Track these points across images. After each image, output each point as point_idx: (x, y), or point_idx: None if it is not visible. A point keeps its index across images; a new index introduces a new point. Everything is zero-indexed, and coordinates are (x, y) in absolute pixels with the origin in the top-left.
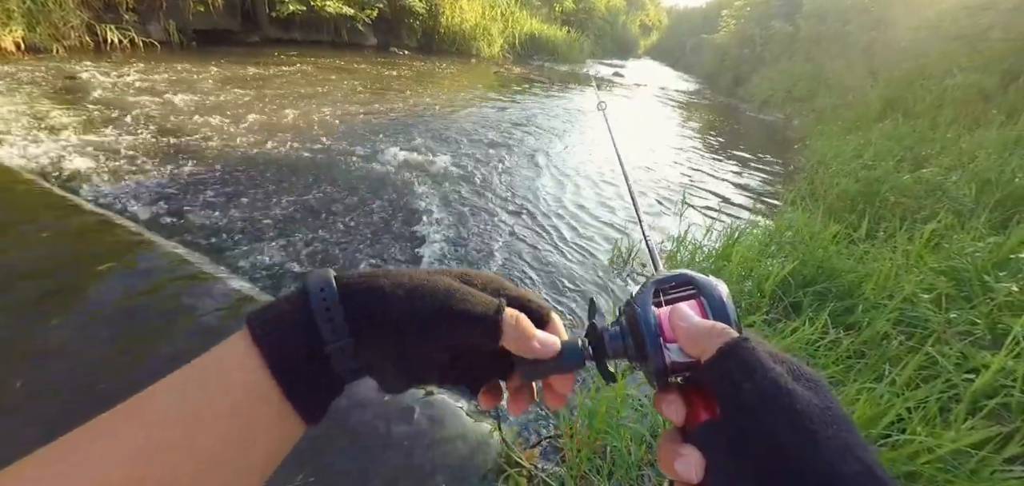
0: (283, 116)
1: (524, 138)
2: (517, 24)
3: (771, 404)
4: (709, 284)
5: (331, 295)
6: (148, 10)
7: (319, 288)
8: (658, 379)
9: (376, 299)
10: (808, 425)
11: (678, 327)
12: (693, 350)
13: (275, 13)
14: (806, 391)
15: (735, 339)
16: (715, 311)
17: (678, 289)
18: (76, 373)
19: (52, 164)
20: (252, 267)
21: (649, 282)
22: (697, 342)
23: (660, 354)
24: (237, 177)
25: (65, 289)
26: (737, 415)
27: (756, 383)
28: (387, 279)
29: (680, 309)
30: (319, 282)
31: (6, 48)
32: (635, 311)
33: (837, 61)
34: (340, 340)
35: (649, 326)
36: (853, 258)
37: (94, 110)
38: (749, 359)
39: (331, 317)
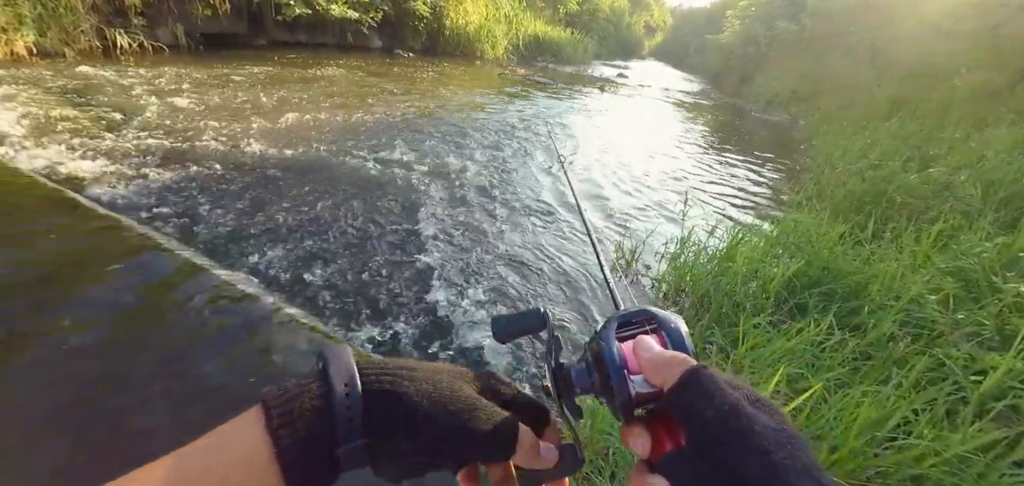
0: (288, 119)
1: (526, 139)
2: (521, 26)
3: (732, 425)
4: (668, 318)
5: (356, 398)
6: (156, 14)
7: (344, 385)
8: (624, 411)
9: (399, 407)
10: (766, 446)
11: (642, 357)
12: (656, 379)
13: (281, 16)
14: (762, 414)
15: (695, 366)
16: (674, 344)
17: (639, 325)
18: (83, 373)
19: (61, 166)
20: (257, 269)
21: (612, 318)
22: (660, 371)
23: (625, 385)
24: (243, 179)
25: (73, 289)
26: (700, 437)
27: (717, 407)
28: (411, 383)
29: (643, 340)
30: (343, 377)
31: (17, 52)
32: (600, 345)
33: (843, 60)
34: (355, 442)
35: (614, 359)
36: (859, 259)
37: (103, 113)
38: (709, 385)
39: (351, 419)
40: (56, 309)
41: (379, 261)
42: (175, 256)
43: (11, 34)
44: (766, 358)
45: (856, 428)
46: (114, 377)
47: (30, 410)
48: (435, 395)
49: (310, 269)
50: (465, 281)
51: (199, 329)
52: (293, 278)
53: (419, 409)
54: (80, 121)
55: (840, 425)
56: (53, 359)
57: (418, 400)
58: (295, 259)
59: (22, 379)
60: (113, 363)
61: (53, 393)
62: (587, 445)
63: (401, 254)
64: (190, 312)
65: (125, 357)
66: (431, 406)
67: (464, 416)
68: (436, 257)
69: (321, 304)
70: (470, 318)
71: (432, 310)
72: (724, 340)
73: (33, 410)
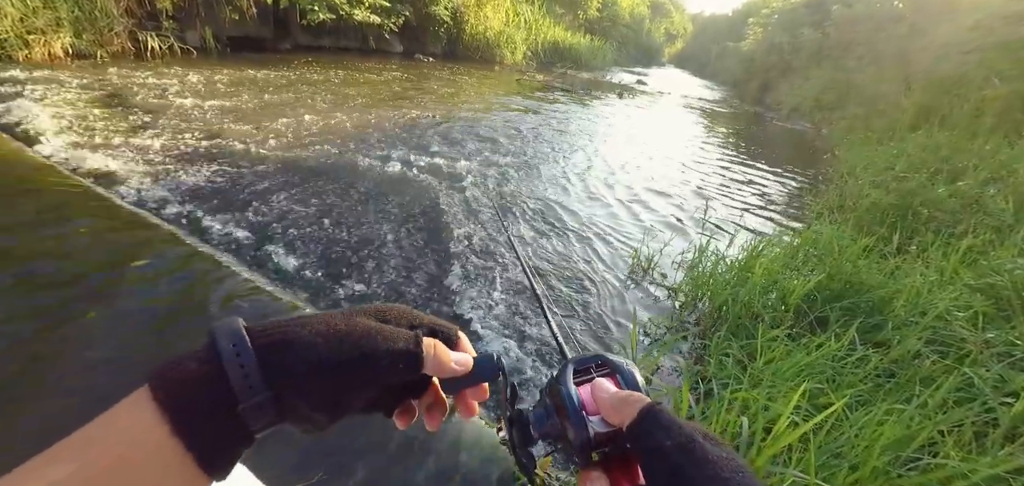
0: (312, 121)
1: (544, 144)
2: (540, 32)
3: (689, 455)
4: (622, 363)
5: (246, 352)
6: (186, 18)
7: (232, 345)
8: (582, 452)
9: (297, 351)
10: (721, 473)
11: (600, 398)
12: (615, 418)
13: (305, 21)
14: (713, 446)
15: (651, 403)
16: (629, 385)
17: (591, 371)
18: (110, 364)
19: (94, 164)
20: (279, 268)
21: (567, 363)
22: (619, 409)
23: (584, 426)
24: (268, 180)
25: (102, 284)
26: (660, 465)
27: (674, 438)
28: (305, 328)
29: (600, 382)
30: (231, 337)
31: (55, 53)
32: (558, 388)
33: (868, 69)
34: (256, 397)
35: (572, 400)
36: (883, 273)
37: (134, 113)
38: (665, 419)
39: (247, 375)
40: (85, 302)
41: (399, 264)
42: (199, 254)
43: (50, 36)
44: (784, 372)
45: (879, 447)
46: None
47: (60, 396)
48: (330, 332)
49: (329, 269)
50: (486, 293)
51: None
52: (312, 277)
53: (314, 348)
54: (112, 121)
55: (861, 443)
56: (80, 352)
57: (312, 339)
58: (316, 257)
59: (51, 371)
60: (138, 353)
61: (82, 381)
62: None
63: (422, 260)
64: (212, 309)
65: (149, 351)
66: (327, 342)
67: (362, 342)
68: (458, 250)
69: (334, 301)
70: (488, 326)
71: (455, 316)
72: (741, 352)
73: (60, 402)
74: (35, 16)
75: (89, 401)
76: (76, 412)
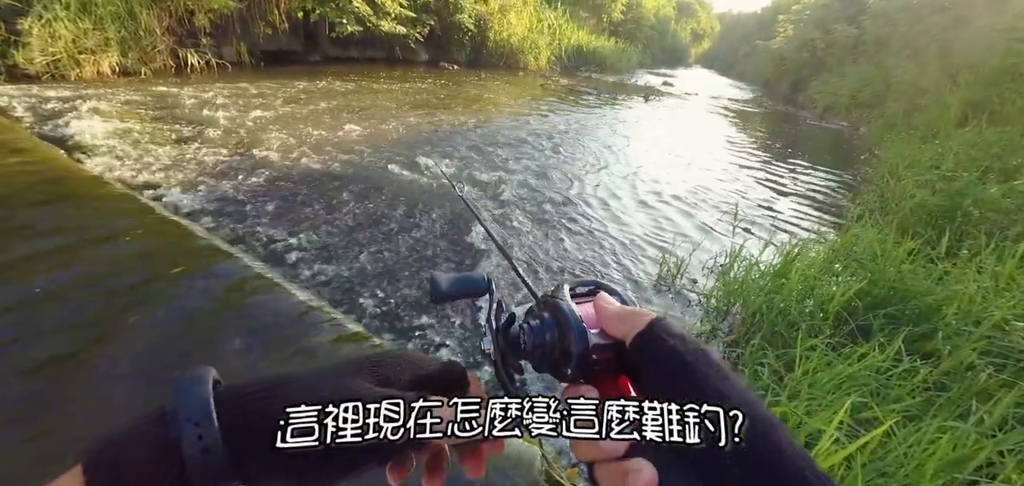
0: (342, 130)
1: (568, 149)
2: (564, 36)
3: (701, 357)
4: (617, 289)
5: (212, 437)
6: (222, 34)
7: (194, 425)
8: (581, 363)
9: (272, 432)
10: (722, 368)
11: (606, 310)
12: (619, 329)
13: (334, 33)
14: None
15: (657, 315)
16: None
17: (586, 294)
18: (148, 365)
19: (138, 175)
20: (312, 276)
21: (562, 283)
22: (625, 321)
23: (584, 337)
24: (299, 189)
25: (143, 288)
26: (669, 366)
27: (686, 344)
28: (285, 399)
29: (605, 296)
30: (193, 413)
31: (103, 71)
32: (556, 302)
33: (908, 63)
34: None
35: (573, 312)
36: (931, 279)
37: (175, 127)
38: (672, 327)
39: (210, 464)
40: (127, 307)
41: (430, 269)
42: (235, 261)
43: (99, 55)
44: (825, 384)
45: (932, 467)
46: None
47: (100, 394)
48: (317, 403)
49: (361, 274)
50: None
51: (254, 332)
52: (343, 284)
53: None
54: (155, 134)
55: (912, 462)
56: (117, 355)
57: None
58: (347, 264)
59: (90, 373)
60: (175, 355)
61: (121, 380)
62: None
63: (453, 268)
64: (246, 316)
65: (186, 350)
66: None
67: None
68: (488, 263)
69: (365, 308)
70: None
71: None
72: (777, 362)
73: (102, 394)
74: (86, 37)
75: (124, 401)
76: (113, 410)
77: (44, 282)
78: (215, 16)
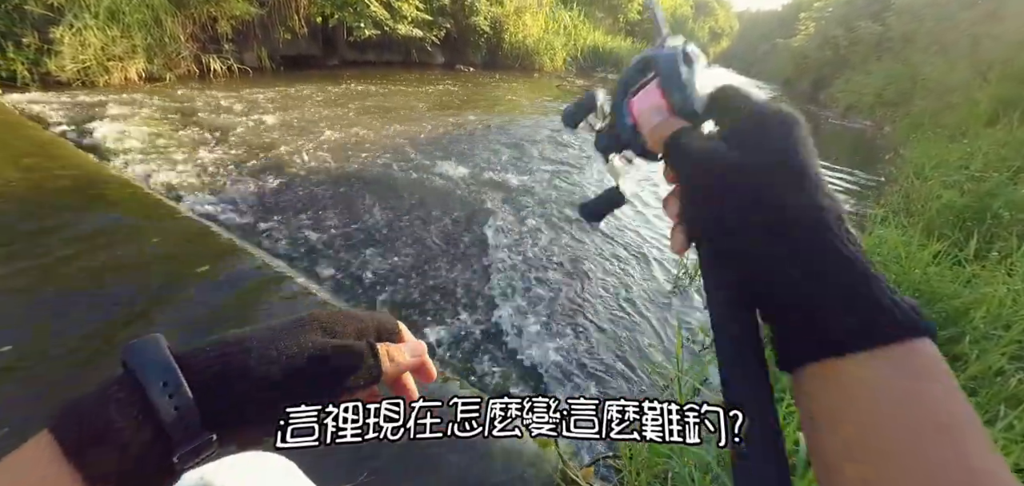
0: (360, 133)
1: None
2: (580, 37)
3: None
4: (664, 60)
5: (179, 393)
6: (244, 40)
7: (162, 384)
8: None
9: (242, 385)
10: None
11: (642, 113)
12: (656, 148)
13: (352, 37)
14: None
15: (676, 131)
16: (670, 84)
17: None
18: None
19: (163, 178)
20: (331, 275)
21: (621, 78)
22: (653, 138)
23: (628, 125)
24: (318, 190)
25: (169, 287)
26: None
27: (695, 150)
28: (248, 354)
29: (644, 98)
30: (158, 372)
31: (130, 77)
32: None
33: (936, 60)
34: (196, 442)
35: (622, 105)
36: (958, 281)
37: (198, 130)
38: (691, 143)
39: (182, 418)
40: (153, 305)
41: (445, 273)
42: (256, 261)
43: (126, 62)
44: None
45: None
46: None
47: None
48: (281, 357)
49: (378, 273)
50: (528, 301)
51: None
52: (361, 279)
53: (268, 379)
54: (179, 138)
55: None
56: None
57: (264, 369)
58: (364, 264)
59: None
60: None
61: None
62: (645, 468)
63: (468, 270)
64: (268, 313)
65: None
66: (281, 371)
67: (320, 364)
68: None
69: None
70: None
71: (496, 325)
72: None
73: None
74: (114, 45)
75: None
76: None
77: (76, 279)
78: (237, 22)
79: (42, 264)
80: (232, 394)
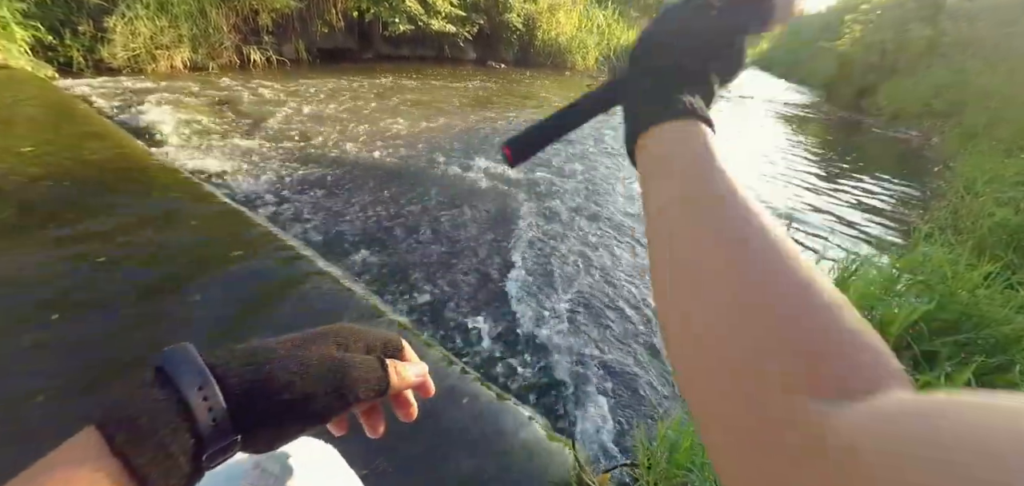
0: (394, 126)
1: (610, 151)
2: (613, 36)
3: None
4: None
5: (217, 403)
6: (283, 33)
7: (198, 388)
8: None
9: (268, 393)
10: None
11: None
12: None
13: (387, 32)
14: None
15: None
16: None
17: None
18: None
19: (205, 164)
20: (362, 263)
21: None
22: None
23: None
24: (351, 182)
25: (205, 270)
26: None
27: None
28: (275, 364)
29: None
30: (194, 377)
31: (175, 66)
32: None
33: (992, 69)
34: (224, 442)
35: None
36: (1010, 306)
37: (238, 119)
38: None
39: (215, 421)
40: (192, 287)
41: (475, 268)
42: (289, 248)
43: (172, 51)
44: None
45: None
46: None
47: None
48: (302, 368)
49: (407, 268)
50: (549, 298)
51: (306, 317)
52: (390, 275)
53: (291, 387)
54: (221, 125)
55: None
56: (176, 329)
57: (288, 379)
58: (393, 254)
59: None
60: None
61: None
62: (664, 479)
63: (497, 266)
64: (298, 300)
65: (240, 329)
66: (302, 381)
67: (335, 376)
68: (528, 263)
69: (413, 297)
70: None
71: (514, 322)
72: None
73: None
74: (162, 34)
75: None
76: None
77: (112, 254)
78: (277, 15)
79: (91, 238)
80: (257, 399)
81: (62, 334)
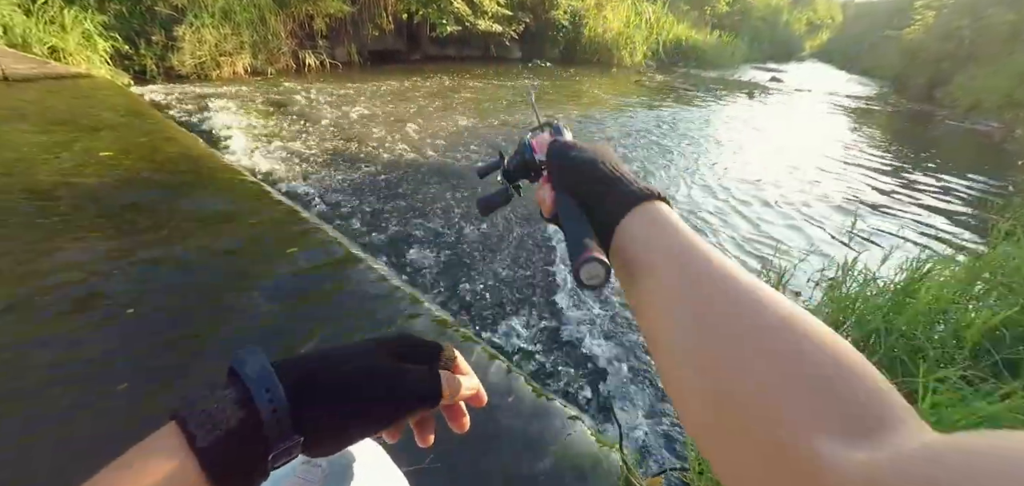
0: (442, 125)
1: (662, 147)
2: (662, 30)
3: (563, 152)
4: (558, 125)
5: (280, 400)
6: (336, 37)
7: (265, 391)
8: (534, 172)
9: (332, 396)
10: (584, 152)
11: (537, 145)
12: (542, 154)
13: (434, 34)
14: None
15: (554, 140)
16: (558, 135)
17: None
18: (260, 328)
19: (262, 164)
20: (410, 262)
21: (526, 131)
22: (542, 148)
23: (533, 156)
24: (400, 182)
25: (262, 264)
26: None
27: (558, 149)
28: (331, 371)
29: (539, 135)
30: (262, 381)
31: (237, 71)
32: (521, 140)
33: None
34: (287, 442)
35: (528, 146)
36: None
37: (293, 121)
38: (559, 142)
39: (279, 421)
40: (250, 282)
41: (521, 271)
42: (340, 245)
43: (235, 57)
44: (958, 422)
45: None
46: (283, 333)
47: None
48: (358, 377)
49: (450, 266)
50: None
51: (355, 311)
52: (436, 273)
53: (348, 392)
54: (277, 127)
55: None
56: (234, 320)
57: (348, 386)
58: (437, 253)
59: (218, 332)
60: (283, 322)
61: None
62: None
63: (536, 263)
64: (346, 292)
65: (292, 320)
66: (358, 389)
67: (390, 385)
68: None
69: (459, 294)
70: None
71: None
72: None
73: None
74: (226, 42)
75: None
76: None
77: (180, 252)
78: (331, 20)
79: (158, 231)
80: (319, 404)
81: (137, 328)
